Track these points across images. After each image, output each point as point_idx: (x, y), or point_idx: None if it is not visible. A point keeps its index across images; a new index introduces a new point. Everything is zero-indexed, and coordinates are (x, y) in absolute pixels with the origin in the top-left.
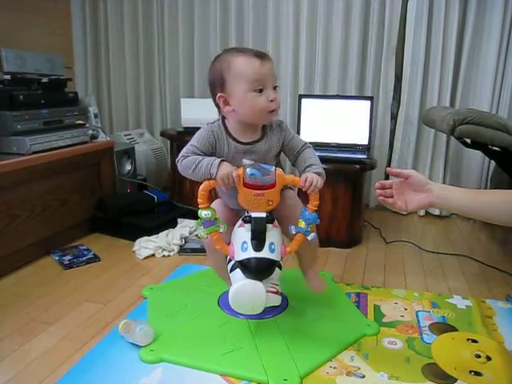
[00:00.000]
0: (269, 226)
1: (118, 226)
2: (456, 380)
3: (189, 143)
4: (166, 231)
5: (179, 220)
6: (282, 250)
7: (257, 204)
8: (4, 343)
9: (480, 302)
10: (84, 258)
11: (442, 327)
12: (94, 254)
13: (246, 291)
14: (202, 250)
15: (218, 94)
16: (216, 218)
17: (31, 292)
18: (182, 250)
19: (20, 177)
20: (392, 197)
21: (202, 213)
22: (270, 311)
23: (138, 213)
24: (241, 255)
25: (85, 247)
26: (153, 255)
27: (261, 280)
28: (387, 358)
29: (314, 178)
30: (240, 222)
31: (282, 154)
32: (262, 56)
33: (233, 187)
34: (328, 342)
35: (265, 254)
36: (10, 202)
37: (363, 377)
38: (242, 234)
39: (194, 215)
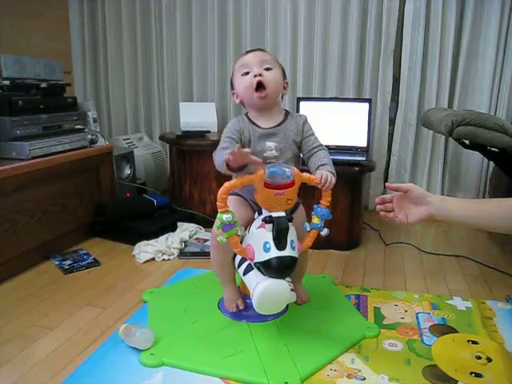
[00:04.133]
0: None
1: (118, 230)
2: (457, 382)
3: (222, 136)
4: (165, 235)
5: (179, 224)
6: (298, 246)
7: (277, 203)
8: (5, 348)
9: (480, 303)
10: (84, 263)
11: (442, 329)
12: (93, 259)
13: (271, 291)
14: (201, 254)
15: (232, 91)
16: (235, 221)
17: (32, 297)
18: (182, 253)
19: (19, 182)
20: (393, 211)
21: (223, 216)
22: (270, 314)
23: (138, 217)
24: (263, 256)
25: (85, 252)
26: (153, 259)
27: (284, 278)
28: (388, 360)
29: (328, 175)
30: (259, 223)
31: None
32: (252, 50)
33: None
34: (328, 344)
35: (287, 252)
36: (9, 207)
37: (364, 379)
38: (263, 234)
39: (193, 219)
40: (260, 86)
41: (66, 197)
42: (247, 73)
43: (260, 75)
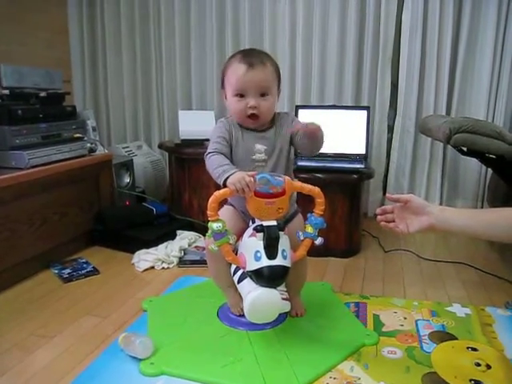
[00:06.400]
0: (280, 233)
1: (117, 238)
2: None
3: (211, 138)
4: (165, 243)
5: (178, 232)
6: (292, 255)
7: (268, 212)
8: (4, 358)
9: (479, 310)
10: (83, 272)
11: (442, 336)
12: (93, 267)
13: (262, 300)
14: (201, 262)
15: (221, 90)
16: (226, 230)
17: (31, 306)
18: (181, 261)
19: (19, 191)
20: (393, 221)
21: (213, 225)
22: (269, 322)
23: (137, 225)
24: (254, 264)
25: (84, 260)
26: (152, 267)
27: (275, 288)
28: (387, 367)
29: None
30: (250, 231)
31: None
32: (251, 63)
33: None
34: (328, 352)
35: (278, 261)
36: (9, 216)
37: None
38: (254, 243)
39: (192, 227)
40: (253, 116)
41: (66, 205)
42: (242, 96)
43: (255, 107)
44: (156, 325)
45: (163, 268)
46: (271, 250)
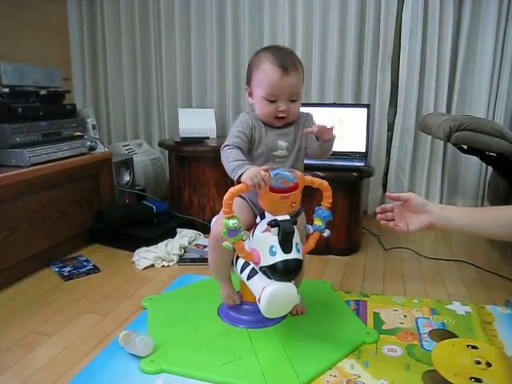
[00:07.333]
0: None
1: (117, 236)
2: None
3: (231, 130)
4: (165, 241)
5: (178, 230)
6: (302, 248)
7: (282, 207)
8: (4, 355)
9: (479, 308)
10: (83, 270)
11: (442, 334)
12: (93, 265)
13: (280, 294)
14: (201, 260)
15: (246, 86)
16: (240, 226)
17: (31, 304)
18: (182, 259)
19: (19, 189)
20: (393, 220)
21: (229, 222)
22: (269, 320)
23: (137, 223)
24: (269, 260)
25: (84, 258)
26: (152, 265)
27: (290, 281)
28: (387, 365)
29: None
30: (264, 227)
31: None
32: (285, 68)
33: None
34: (328, 350)
35: (294, 255)
36: (8, 215)
37: None
38: (268, 238)
39: (192, 225)
40: (282, 117)
41: (66, 203)
42: (274, 100)
43: (286, 110)
44: (156, 323)
45: (163, 266)
46: (287, 244)
